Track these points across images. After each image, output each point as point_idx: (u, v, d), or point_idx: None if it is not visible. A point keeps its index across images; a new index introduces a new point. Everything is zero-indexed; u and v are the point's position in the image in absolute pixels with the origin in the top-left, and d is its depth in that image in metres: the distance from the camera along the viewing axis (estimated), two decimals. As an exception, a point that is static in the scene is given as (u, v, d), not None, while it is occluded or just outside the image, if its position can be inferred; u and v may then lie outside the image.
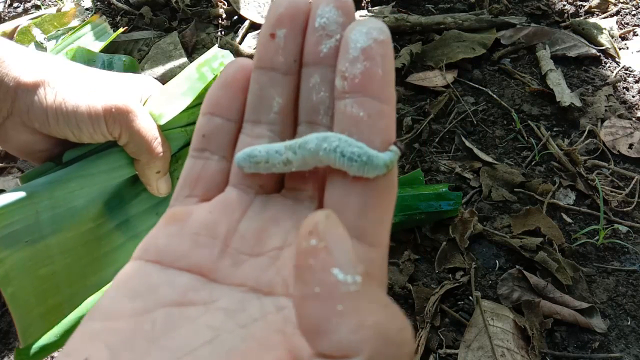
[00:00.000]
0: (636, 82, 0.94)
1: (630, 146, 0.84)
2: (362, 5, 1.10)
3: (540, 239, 0.72)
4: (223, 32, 1.07)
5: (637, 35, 1.02)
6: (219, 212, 0.26)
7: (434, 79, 0.95)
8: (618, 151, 0.84)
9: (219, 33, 1.07)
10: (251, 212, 0.26)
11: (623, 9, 1.07)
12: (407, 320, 0.19)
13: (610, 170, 0.82)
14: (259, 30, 0.26)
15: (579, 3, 1.08)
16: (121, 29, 0.99)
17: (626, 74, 0.95)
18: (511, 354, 0.62)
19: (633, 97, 0.92)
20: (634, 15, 1.06)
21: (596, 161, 0.83)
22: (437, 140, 0.87)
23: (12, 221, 0.40)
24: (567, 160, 0.82)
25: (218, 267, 0.24)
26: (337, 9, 0.25)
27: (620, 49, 0.99)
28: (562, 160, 0.82)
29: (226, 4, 1.11)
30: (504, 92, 0.93)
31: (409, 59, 0.97)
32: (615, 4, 1.07)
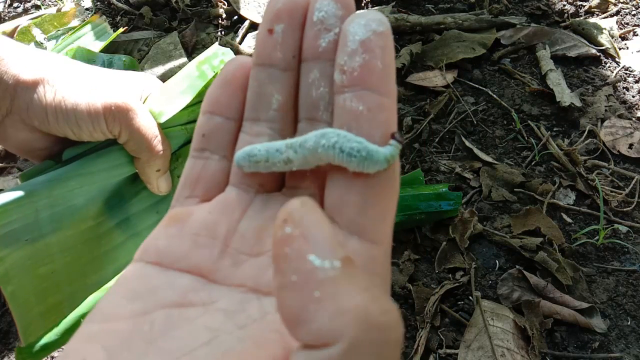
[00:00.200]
0: (636, 82, 0.94)
1: (630, 146, 0.84)
2: (362, 5, 1.10)
3: (540, 239, 0.72)
4: (223, 32, 1.07)
5: (637, 35, 1.02)
6: (219, 212, 0.26)
7: (434, 79, 0.95)
8: (618, 151, 0.84)
9: (219, 33, 1.07)
10: (251, 211, 0.26)
11: (623, 9, 1.07)
12: (392, 304, 0.18)
13: (610, 170, 0.81)
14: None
15: (579, 3, 1.08)
16: (121, 29, 0.99)
17: (626, 74, 0.95)
18: (511, 354, 0.62)
19: (633, 97, 0.92)
20: (634, 15, 1.05)
21: (596, 161, 0.83)
22: (437, 140, 0.87)
23: (12, 220, 0.40)
24: (567, 160, 0.82)
25: (218, 268, 0.24)
26: (336, 2, 0.24)
27: (620, 49, 0.99)
28: (562, 160, 0.82)
29: (226, 4, 1.11)
30: (504, 92, 0.93)
31: (409, 59, 0.96)
32: (615, 4, 1.07)
